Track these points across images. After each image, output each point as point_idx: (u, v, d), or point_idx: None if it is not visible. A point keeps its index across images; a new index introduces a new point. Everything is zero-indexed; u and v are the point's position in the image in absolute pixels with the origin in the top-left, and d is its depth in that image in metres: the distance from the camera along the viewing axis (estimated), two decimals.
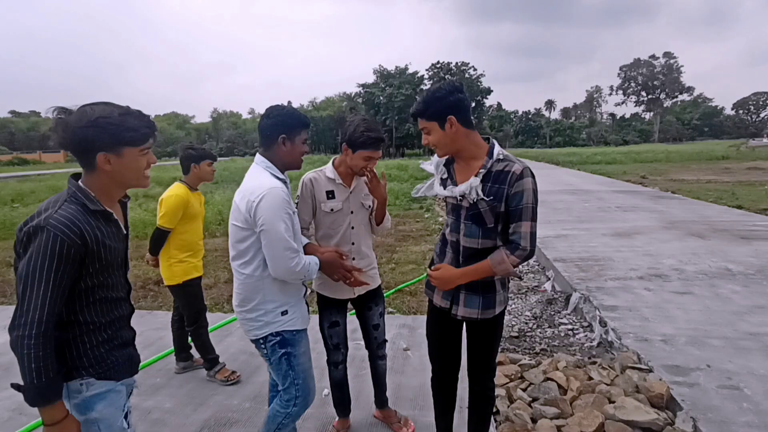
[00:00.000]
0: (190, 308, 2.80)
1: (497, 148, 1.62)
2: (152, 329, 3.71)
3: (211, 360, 2.87)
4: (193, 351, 3.07)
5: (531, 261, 5.73)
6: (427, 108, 1.59)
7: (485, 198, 1.58)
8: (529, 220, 1.54)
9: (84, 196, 1.20)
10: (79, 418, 1.22)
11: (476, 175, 1.60)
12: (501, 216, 1.60)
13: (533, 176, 1.57)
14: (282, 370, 1.74)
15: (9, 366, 3.11)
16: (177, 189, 2.68)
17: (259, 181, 1.64)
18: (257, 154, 1.75)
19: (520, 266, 5.51)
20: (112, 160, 1.19)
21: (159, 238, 2.66)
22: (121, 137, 1.19)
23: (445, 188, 1.73)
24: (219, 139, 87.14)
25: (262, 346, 1.74)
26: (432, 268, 1.76)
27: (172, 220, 2.63)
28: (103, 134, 1.16)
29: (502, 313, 1.78)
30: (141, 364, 1.48)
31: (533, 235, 1.55)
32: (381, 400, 2.38)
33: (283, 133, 1.68)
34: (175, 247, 2.70)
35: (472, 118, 1.66)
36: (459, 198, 1.66)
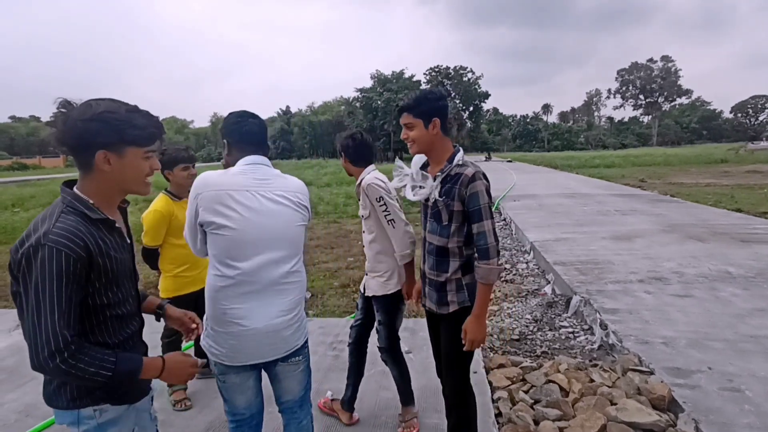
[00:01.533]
0: None
1: (458, 156, 1.75)
2: (155, 333, 3.71)
3: None
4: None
5: (530, 264, 5.76)
6: (418, 105, 1.73)
7: (440, 198, 1.73)
8: (489, 219, 1.67)
9: (82, 205, 1.09)
10: None
11: (435, 178, 1.76)
12: (454, 215, 1.72)
13: (485, 179, 1.71)
14: (309, 367, 1.70)
15: (13, 369, 3.11)
16: (157, 203, 2.52)
17: (297, 180, 1.66)
18: (266, 159, 1.61)
19: (521, 270, 5.53)
20: (113, 159, 1.10)
21: (148, 257, 2.57)
22: (126, 135, 1.09)
23: (413, 189, 1.86)
24: (218, 144, 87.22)
25: (305, 350, 1.65)
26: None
27: (156, 237, 2.50)
28: (106, 129, 1.07)
29: (461, 315, 1.76)
30: None
31: (494, 231, 1.69)
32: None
33: None
34: (169, 261, 2.58)
35: (448, 126, 1.80)
36: (424, 199, 1.81)
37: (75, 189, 1.14)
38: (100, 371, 1.05)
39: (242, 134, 1.58)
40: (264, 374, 1.65)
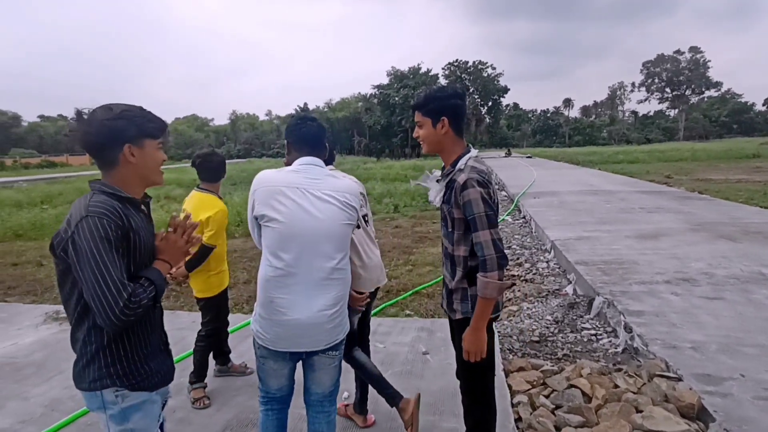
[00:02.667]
0: (219, 320, 2.76)
1: (462, 159, 1.67)
2: (175, 329, 3.78)
3: (198, 376, 2.73)
4: (232, 356, 3.08)
5: (551, 263, 5.63)
6: (427, 104, 1.68)
7: (442, 203, 1.70)
8: (486, 229, 1.55)
9: (110, 189, 1.22)
10: (115, 429, 1.23)
11: (438, 181, 1.73)
12: (456, 222, 1.66)
13: (481, 185, 1.57)
14: (341, 364, 1.78)
15: (41, 364, 3.21)
16: (218, 204, 2.64)
17: (347, 180, 1.83)
18: (320, 160, 1.71)
19: (542, 269, 5.41)
20: (136, 152, 1.23)
21: (205, 256, 2.58)
22: (145, 128, 1.25)
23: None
24: (237, 141, 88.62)
25: (343, 345, 1.74)
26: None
27: (220, 236, 2.65)
28: (130, 125, 1.22)
29: (467, 324, 1.68)
30: None
31: (494, 242, 1.55)
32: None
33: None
34: (213, 259, 2.66)
35: (464, 127, 1.73)
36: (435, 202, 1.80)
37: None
38: (149, 296, 1.20)
39: (300, 136, 1.73)
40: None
